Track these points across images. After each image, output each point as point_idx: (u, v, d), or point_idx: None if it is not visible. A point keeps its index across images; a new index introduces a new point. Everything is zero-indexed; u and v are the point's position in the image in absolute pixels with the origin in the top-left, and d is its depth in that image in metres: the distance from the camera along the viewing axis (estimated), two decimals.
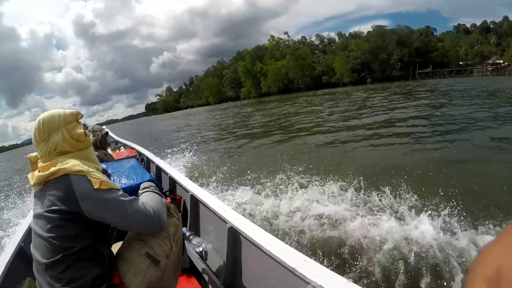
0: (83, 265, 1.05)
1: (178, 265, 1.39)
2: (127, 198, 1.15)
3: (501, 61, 55.63)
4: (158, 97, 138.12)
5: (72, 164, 1.11)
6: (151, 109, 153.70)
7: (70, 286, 1.01)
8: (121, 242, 1.31)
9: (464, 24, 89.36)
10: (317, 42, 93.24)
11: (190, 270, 1.89)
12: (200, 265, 1.86)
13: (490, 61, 58.40)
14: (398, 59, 69.18)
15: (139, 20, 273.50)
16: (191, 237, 1.71)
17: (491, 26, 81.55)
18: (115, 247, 1.31)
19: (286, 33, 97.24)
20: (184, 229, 1.62)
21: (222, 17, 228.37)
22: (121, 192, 1.15)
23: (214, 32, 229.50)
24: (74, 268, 1.03)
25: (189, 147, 8.83)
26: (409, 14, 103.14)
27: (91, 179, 1.09)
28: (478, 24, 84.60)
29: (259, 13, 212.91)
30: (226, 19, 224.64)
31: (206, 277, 1.78)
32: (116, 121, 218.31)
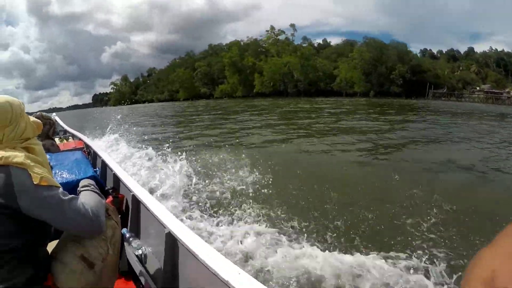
0: (16, 265, 0.98)
1: (115, 269, 1.33)
2: (67, 197, 1.07)
3: None
4: (112, 85, 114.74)
5: (14, 155, 1.02)
6: (99, 100, 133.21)
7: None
8: (57, 240, 1.22)
9: (430, 49, 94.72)
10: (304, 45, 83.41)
11: (128, 273, 1.85)
12: (138, 268, 1.82)
13: (485, 88, 58.87)
14: (400, 75, 66.63)
15: (96, 4, 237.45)
16: (131, 239, 1.65)
17: (456, 55, 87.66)
18: (51, 246, 1.22)
19: (292, 25, 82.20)
20: (124, 229, 1.62)
21: (181, 14, 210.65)
22: (61, 190, 1.08)
23: (170, 28, 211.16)
24: (6, 268, 0.96)
25: None
26: (362, 34, 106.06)
27: (31, 173, 1.01)
28: (444, 51, 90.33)
29: (219, 15, 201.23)
30: (184, 17, 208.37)
31: (143, 281, 1.74)
32: (60, 109, 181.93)
